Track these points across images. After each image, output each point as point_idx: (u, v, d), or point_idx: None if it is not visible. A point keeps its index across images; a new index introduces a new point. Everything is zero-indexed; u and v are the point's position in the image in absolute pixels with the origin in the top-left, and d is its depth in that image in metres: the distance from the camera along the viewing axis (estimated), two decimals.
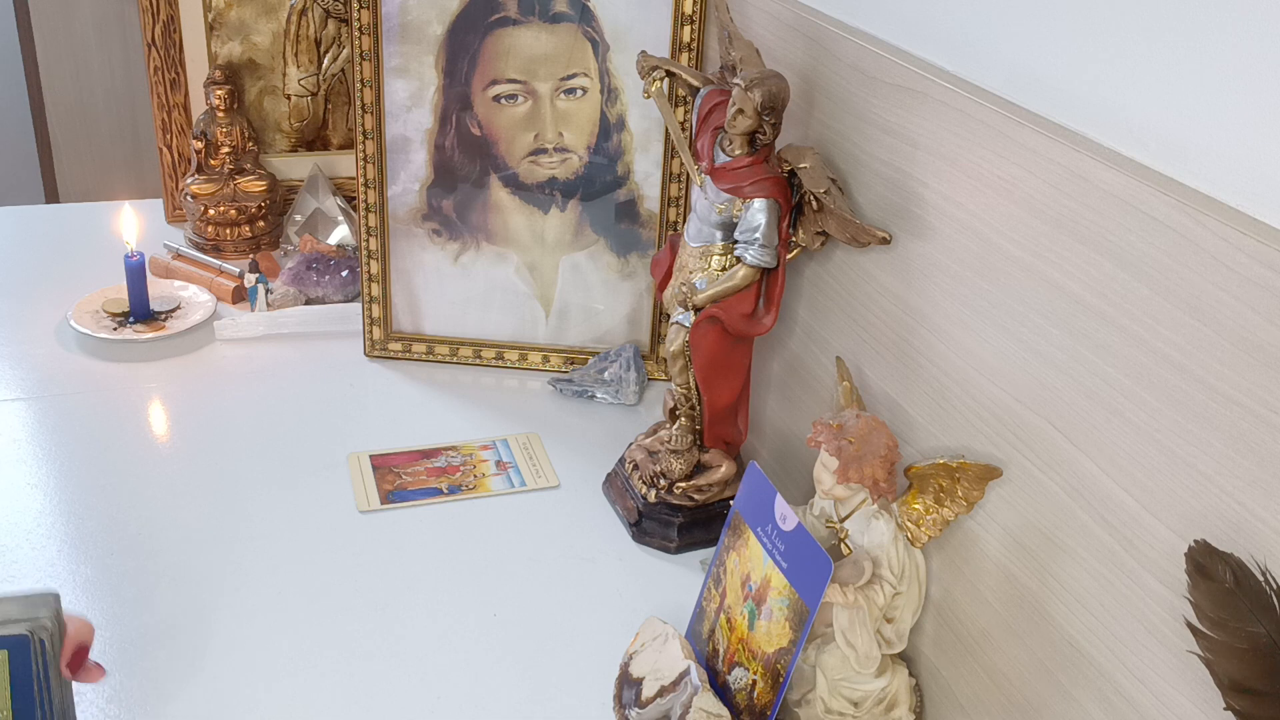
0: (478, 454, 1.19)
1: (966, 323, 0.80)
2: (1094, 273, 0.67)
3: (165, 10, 1.51)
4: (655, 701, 0.84)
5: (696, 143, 1.00)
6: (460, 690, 0.90)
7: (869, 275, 0.93)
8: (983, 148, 0.76)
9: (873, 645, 0.81)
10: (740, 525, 0.86)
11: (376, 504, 1.11)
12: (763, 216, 0.94)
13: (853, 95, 0.93)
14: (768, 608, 0.82)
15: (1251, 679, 0.54)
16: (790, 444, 1.11)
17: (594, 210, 1.29)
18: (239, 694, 0.88)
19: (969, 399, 0.80)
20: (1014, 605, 0.76)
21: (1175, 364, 0.61)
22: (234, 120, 1.55)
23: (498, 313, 1.33)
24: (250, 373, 1.31)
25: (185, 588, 0.98)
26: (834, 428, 0.82)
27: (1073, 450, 0.70)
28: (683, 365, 1.03)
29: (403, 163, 1.28)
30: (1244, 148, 0.59)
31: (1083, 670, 0.70)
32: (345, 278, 1.44)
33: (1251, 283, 0.56)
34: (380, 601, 0.98)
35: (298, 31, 1.57)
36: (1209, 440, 0.60)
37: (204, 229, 1.55)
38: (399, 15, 1.23)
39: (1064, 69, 0.71)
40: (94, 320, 1.36)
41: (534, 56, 1.23)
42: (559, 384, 1.30)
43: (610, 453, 1.17)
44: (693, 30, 1.20)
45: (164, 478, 1.12)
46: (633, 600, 1.00)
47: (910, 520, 0.81)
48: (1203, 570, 0.56)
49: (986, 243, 0.77)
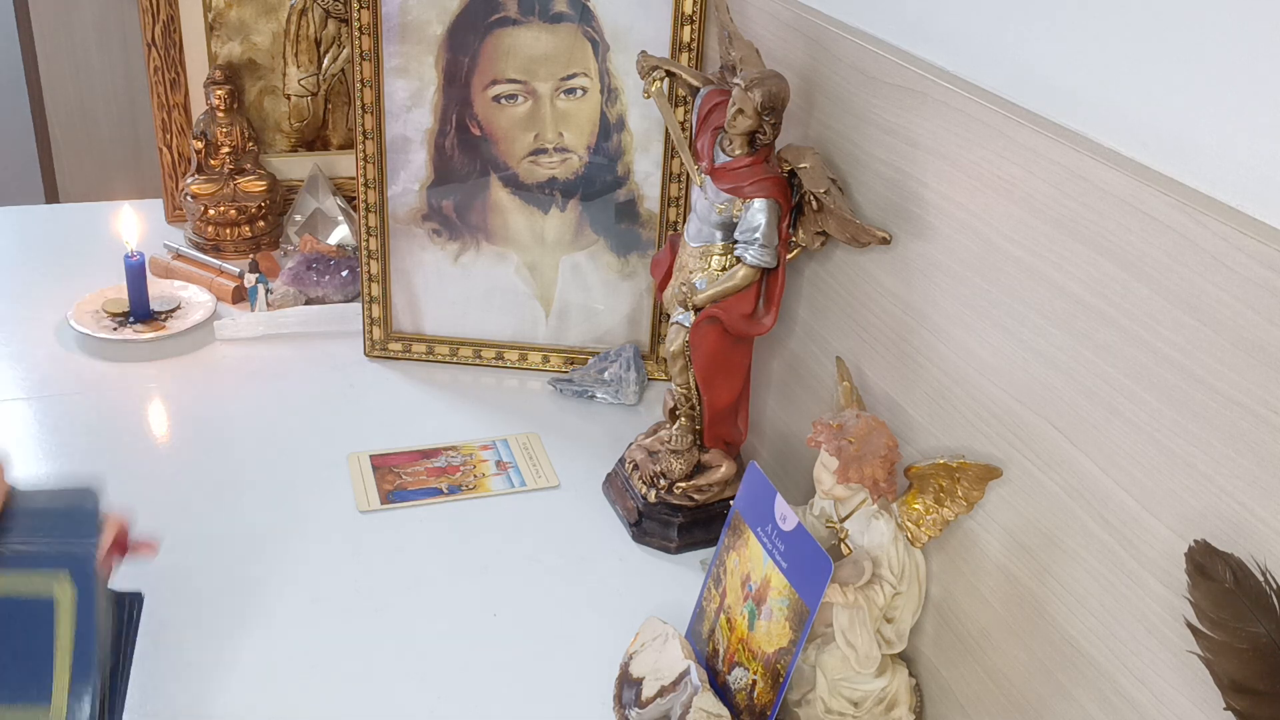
0: (478, 454, 1.19)
1: (966, 323, 0.80)
2: (1094, 273, 0.67)
3: (165, 10, 1.51)
4: (655, 701, 0.84)
5: (696, 143, 1.00)
6: (460, 690, 0.90)
7: (869, 275, 0.93)
8: (983, 148, 0.76)
9: (873, 645, 0.81)
10: (740, 525, 0.86)
11: (376, 504, 1.11)
12: (763, 216, 0.94)
13: (853, 95, 0.93)
14: (768, 608, 0.82)
15: (1251, 679, 0.54)
16: (790, 444, 1.11)
17: (594, 210, 1.29)
18: (239, 694, 0.88)
19: (969, 399, 0.80)
20: (1014, 605, 0.76)
21: (1175, 364, 0.61)
22: (234, 120, 1.55)
23: (498, 313, 1.33)
24: (250, 373, 1.31)
25: (185, 588, 0.98)
26: (834, 428, 0.82)
27: (1073, 450, 0.70)
28: (683, 365, 1.03)
29: (403, 163, 1.28)
30: (1244, 148, 0.59)
31: (1083, 670, 0.70)
32: (345, 278, 1.44)
33: (1251, 283, 0.56)
34: (380, 601, 0.98)
35: (298, 31, 1.57)
36: (1209, 440, 0.60)
37: (204, 229, 1.55)
38: (399, 15, 1.23)
39: (1064, 69, 0.71)
40: (94, 320, 1.36)
41: (534, 56, 1.23)
42: (559, 384, 1.30)
43: (610, 453, 1.17)
44: (693, 30, 1.20)
45: (164, 478, 1.12)
46: (633, 600, 1.00)
47: (910, 520, 0.81)
48: (1203, 570, 0.56)
49: (986, 243, 0.77)
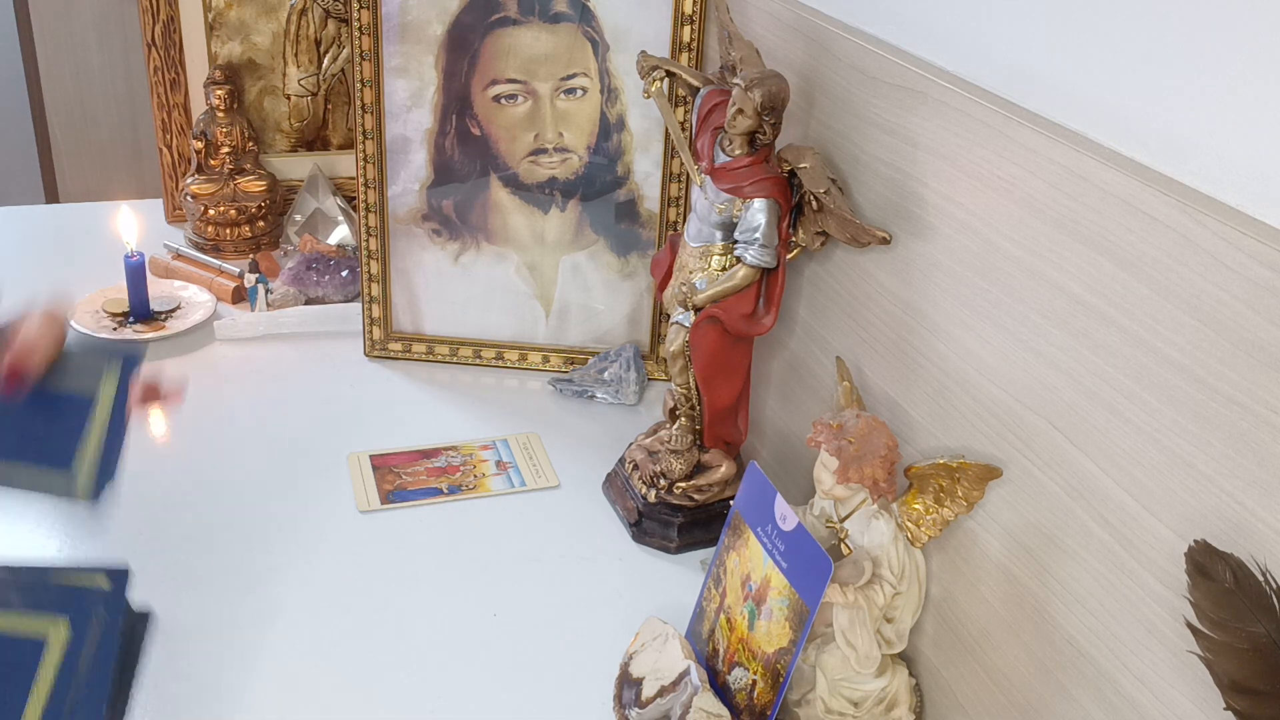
0: (478, 454, 1.19)
1: (966, 323, 0.80)
2: (1094, 273, 0.67)
3: (165, 10, 1.51)
4: (655, 701, 0.84)
5: (696, 143, 1.00)
6: (460, 690, 0.90)
7: (869, 275, 0.93)
8: (983, 148, 0.76)
9: (873, 645, 0.81)
10: (740, 525, 0.86)
11: (376, 504, 1.11)
12: (763, 216, 0.94)
13: (853, 95, 0.93)
14: (768, 608, 0.82)
15: (1251, 679, 0.54)
16: (790, 444, 1.11)
17: (594, 210, 1.29)
18: (238, 694, 0.88)
19: (969, 399, 0.80)
20: (1014, 605, 0.76)
21: (1175, 364, 0.61)
22: (234, 120, 1.54)
23: (498, 313, 1.33)
24: (250, 373, 1.31)
25: (185, 588, 0.98)
26: (834, 428, 0.82)
27: (1073, 450, 0.70)
28: (683, 365, 1.03)
29: (403, 163, 1.28)
30: (1244, 148, 0.59)
31: (1083, 670, 0.70)
32: (345, 278, 1.44)
33: (1251, 283, 0.56)
34: (380, 602, 0.98)
35: (298, 31, 1.57)
36: (1209, 440, 0.60)
37: (204, 229, 1.55)
38: (399, 15, 1.23)
39: (1064, 69, 0.71)
40: (94, 320, 1.35)
41: (534, 56, 1.23)
42: (559, 384, 1.30)
43: (610, 453, 1.17)
44: (693, 30, 1.20)
45: (164, 478, 1.12)
46: (633, 600, 1.00)
47: (910, 520, 0.81)
48: (1203, 570, 0.56)
49: (986, 243, 0.77)
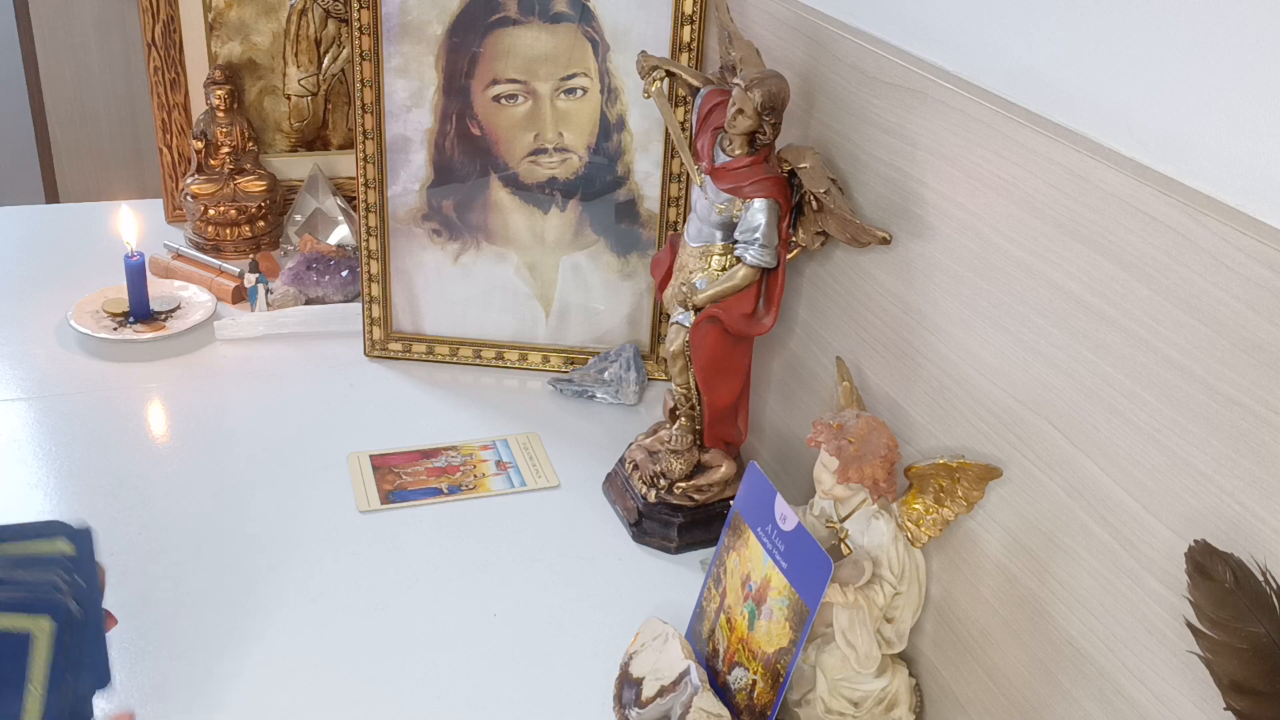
0: (478, 454, 1.19)
1: (966, 323, 0.80)
2: (1094, 273, 0.67)
3: (165, 10, 1.51)
4: (655, 701, 0.84)
5: (696, 143, 1.00)
6: (460, 690, 0.90)
7: (869, 275, 0.93)
8: (983, 148, 0.76)
9: (873, 645, 0.81)
10: (740, 525, 0.86)
11: (376, 504, 1.11)
12: (763, 216, 0.94)
13: (853, 95, 0.93)
14: (768, 608, 0.82)
15: (1251, 679, 0.54)
16: (790, 444, 1.11)
17: (594, 210, 1.29)
18: (238, 694, 0.88)
19: (969, 399, 0.80)
20: (1014, 605, 0.76)
21: (1175, 364, 0.61)
22: (234, 120, 1.55)
23: (498, 313, 1.33)
24: (250, 373, 1.31)
25: (184, 588, 0.98)
26: (834, 428, 0.82)
27: (1073, 450, 0.70)
28: (683, 365, 1.03)
29: (403, 163, 1.28)
30: (1244, 148, 0.59)
31: (1083, 670, 0.70)
32: (345, 278, 1.44)
33: (1251, 282, 0.56)
34: (380, 601, 0.98)
35: (298, 31, 1.57)
36: (1209, 440, 0.60)
37: (204, 229, 1.55)
38: (399, 15, 1.23)
39: (1064, 69, 0.71)
40: (94, 320, 1.36)
41: (534, 56, 1.23)
42: (559, 384, 1.30)
43: (610, 453, 1.17)
44: (693, 30, 1.20)
45: (164, 478, 1.12)
46: (633, 600, 1.00)
47: (910, 520, 0.81)
48: (1203, 570, 0.56)
49: (986, 243, 0.77)
